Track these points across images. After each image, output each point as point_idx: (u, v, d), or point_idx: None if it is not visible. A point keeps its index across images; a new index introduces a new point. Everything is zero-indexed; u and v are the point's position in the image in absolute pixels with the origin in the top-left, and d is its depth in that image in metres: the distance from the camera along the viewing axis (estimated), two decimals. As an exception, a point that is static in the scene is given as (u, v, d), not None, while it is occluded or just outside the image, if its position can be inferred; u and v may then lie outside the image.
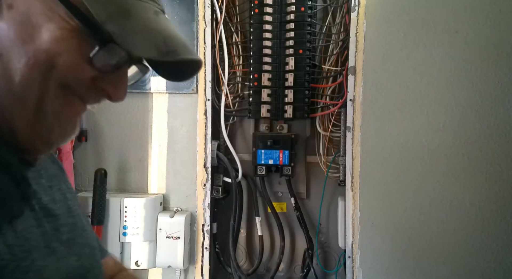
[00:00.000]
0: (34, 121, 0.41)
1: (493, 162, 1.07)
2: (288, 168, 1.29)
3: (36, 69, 0.40)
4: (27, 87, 0.40)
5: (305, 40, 1.25)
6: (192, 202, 1.31)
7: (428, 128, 1.11)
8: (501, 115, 1.06)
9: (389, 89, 1.13)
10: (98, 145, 1.34)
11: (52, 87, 0.41)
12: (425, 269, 1.11)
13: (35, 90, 0.40)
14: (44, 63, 0.40)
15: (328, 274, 1.36)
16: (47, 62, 0.40)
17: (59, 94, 0.42)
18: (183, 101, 1.31)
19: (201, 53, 1.25)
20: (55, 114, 0.42)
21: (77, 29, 0.39)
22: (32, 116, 0.41)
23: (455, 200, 1.09)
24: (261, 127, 1.35)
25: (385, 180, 1.13)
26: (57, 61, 0.40)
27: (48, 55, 0.40)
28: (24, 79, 0.40)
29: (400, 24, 1.11)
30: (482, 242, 1.08)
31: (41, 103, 0.41)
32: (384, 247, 1.14)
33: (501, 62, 1.06)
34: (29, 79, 0.40)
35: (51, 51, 0.39)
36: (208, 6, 1.24)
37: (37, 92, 0.40)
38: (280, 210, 1.37)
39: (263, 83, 1.27)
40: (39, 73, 0.40)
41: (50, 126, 0.42)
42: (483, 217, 1.08)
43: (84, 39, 0.40)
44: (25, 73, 0.40)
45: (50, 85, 0.41)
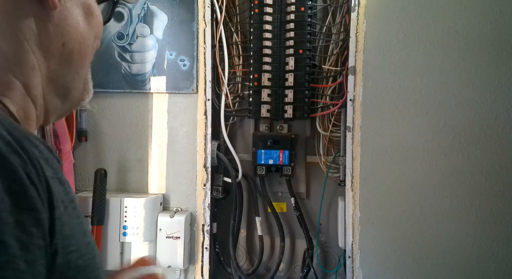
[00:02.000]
0: (82, 90, 0.51)
1: (493, 162, 1.07)
2: (288, 168, 1.29)
3: (92, 43, 0.50)
4: (86, 62, 0.50)
5: (305, 40, 1.25)
6: (192, 202, 1.31)
7: (428, 128, 1.10)
8: (501, 115, 1.06)
9: (389, 89, 1.13)
10: (98, 145, 1.34)
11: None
12: (425, 269, 1.11)
13: (88, 62, 0.50)
14: (97, 32, 0.50)
15: (328, 274, 1.36)
16: (98, 33, 0.51)
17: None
18: (183, 101, 1.31)
19: (201, 53, 1.25)
20: (87, 79, 0.52)
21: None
22: (82, 86, 0.51)
23: (455, 200, 1.09)
24: (261, 127, 1.35)
25: (385, 180, 1.13)
26: (99, 27, 0.51)
27: (99, 22, 0.50)
28: (84, 56, 0.49)
29: (400, 24, 1.11)
30: (482, 242, 1.08)
31: (89, 66, 0.51)
32: (384, 247, 1.14)
33: (501, 62, 1.06)
34: (88, 54, 0.50)
35: (99, 17, 0.50)
36: (208, 6, 1.24)
37: (88, 63, 0.51)
38: (280, 210, 1.37)
39: (263, 83, 1.27)
40: (93, 47, 0.50)
41: (88, 90, 0.52)
42: (483, 217, 1.08)
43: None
44: (86, 50, 0.49)
45: (93, 49, 0.51)
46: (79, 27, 0.47)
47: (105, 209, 1.23)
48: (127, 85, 1.31)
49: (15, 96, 0.42)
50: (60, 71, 0.46)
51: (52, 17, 0.44)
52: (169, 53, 1.31)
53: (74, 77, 0.48)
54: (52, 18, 0.44)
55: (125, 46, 1.31)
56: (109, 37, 1.31)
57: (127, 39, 1.31)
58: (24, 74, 0.43)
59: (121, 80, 1.31)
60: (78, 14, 0.47)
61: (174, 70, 1.31)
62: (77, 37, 0.47)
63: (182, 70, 1.31)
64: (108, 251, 1.24)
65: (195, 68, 1.29)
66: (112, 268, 1.24)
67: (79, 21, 0.47)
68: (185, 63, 1.31)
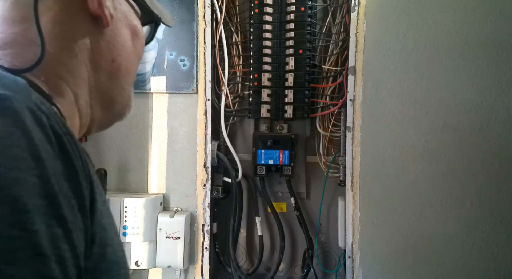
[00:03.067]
0: (125, 105, 0.55)
1: (493, 162, 1.07)
2: (288, 168, 1.29)
3: (136, 62, 0.55)
4: (131, 78, 0.55)
5: (305, 40, 1.25)
6: (192, 202, 1.31)
7: (428, 128, 1.10)
8: (501, 115, 1.06)
9: (389, 89, 1.13)
10: (98, 145, 1.34)
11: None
12: (425, 269, 1.11)
13: (133, 79, 0.56)
14: (140, 52, 0.55)
15: (328, 274, 1.36)
16: (141, 53, 0.56)
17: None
18: (183, 101, 1.31)
19: (201, 53, 1.25)
20: (130, 96, 0.57)
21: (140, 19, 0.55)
22: (125, 101, 0.55)
23: (455, 200, 1.09)
24: (261, 127, 1.35)
25: (385, 180, 1.13)
26: (142, 48, 0.56)
27: (142, 44, 0.56)
28: (130, 73, 0.54)
29: (400, 24, 1.11)
30: (482, 242, 1.08)
31: (133, 83, 0.56)
32: (384, 247, 1.14)
33: (501, 62, 1.06)
34: (133, 72, 0.55)
35: (142, 40, 0.56)
36: (208, 6, 1.24)
37: (132, 80, 0.56)
38: (280, 210, 1.37)
39: (263, 83, 1.27)
40: (137, 61, 0.55)
41: (129, 106, 0.57)
42: (483, 217, 1.08)
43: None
44: (131, 66, 0.54)
45: (136, 68, 0.56)
46: (126, 46, 0.52)
47: (105, 209, 1.23)
48: (127, 85, 1.31)
49: (65, 103, 0.45)
50: (107, 85, 0.51)
51: (104, 34, 0.49)
52: (169, 53, 1.31)
53: (119, 92, 0.53)
54: (104, 35, 0.49)
55: (125, 46, 1.31)
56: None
57: (127, 39, 1.31)
58: (76, 84, 0.47)
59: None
60: (126, 34, 0.52)
61: (174, 70, 1.31)
62: (125, 54, 0.52)
63: (182, 70, 1.31)
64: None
65: (195, 68, 1.29)
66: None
67: (127, 40, 0.52)
68: (185, 63, 1.30)
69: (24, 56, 0.43)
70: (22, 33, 0.44)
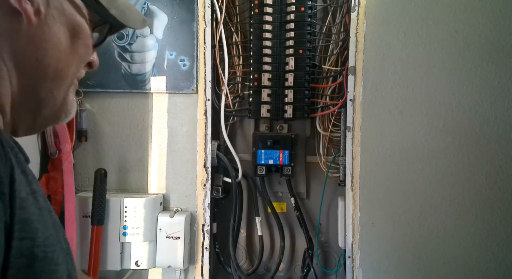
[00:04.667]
0: (58, 109, 0.51)
1: (493, 162, 1.07)
2: (288, 168, 1.29)
3: (73, 64, 0.50)
4: (63, 81, 0.50)
5: (305, 40, 1.25)
6: (192, 202, 1.31)
7: (428, 128, 1.10)
8: (501, 115, 1.06)
9: (389, 89, 1.13)
10: (98, 145, 1.34)
11: (75, 72, 0.52)
12: (425, 269, 1.11)
13: (66, 82, 0.50)
14: (82, 54, 0.51)
15: (328, 274, 1.36)
16: (84, 56, 0.51)
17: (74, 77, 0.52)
18: (183, 101, 1.31)
19: (201, 53, 1.25)
20: (66, 100, 0.52)
21: (89, 19, 0.51)
22: (58, 106, 0.50)
23: (455, 200, 1.09)
24: (261, 127, 1.35)
25: (385, 180, 1.13)
26: (85, 50, 0.51)
27: (86, 45, 0.51)
28: (61, 75, 0.49)
29: (400, 24, 1.11)
30: (482, 242, 1.08)
31: (68, 87, 0.51)
32: (384, 247, 1.14)
33: (501, 62, 1.06)
34: (67, 74, 0.50)
35: (86, 41, 0.51)
36: (208, 6, 1.24)
37: (67, 83, 0.50)
38: (280, 210, 1.37)
39: (263, 83, 1.27)
40: (76, 70, 0.51)
41: (66, 110, 0.52)
42: (483, 217, 1.08)
43: (91, 24, 0.51)
44: (64, 70, 0.49)
45: (75, 71, 0.51)
46: (59, 45, 0.47)
47: (105, 209, 1.23)
48: (127, 85, 1.31)
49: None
50: (32, 86, 0.47)
51: (27, 32, 0.44)
52: (169, 53, 1.31)
53: (47, 95, 0.48)
54: (27, 32, 0.44)
55: (125, 46, 1.31)
56: (109, 37, 1.31)
57: (127, 39, 1.31)
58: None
59: (121, 80, 1.31)
60: (60, 32, 0.47)
61: (174, 70, 1.31)
62: (55, 54, 0.47)
63: (182, 70, 1.31)
64: (108, 251, 1.24)
65: (195, 68, 1.29)
66: (112, 268, 1.24)
67: (60, 39, 0.47)
68: (185, 63, 1.30)
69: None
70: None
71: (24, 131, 0.50)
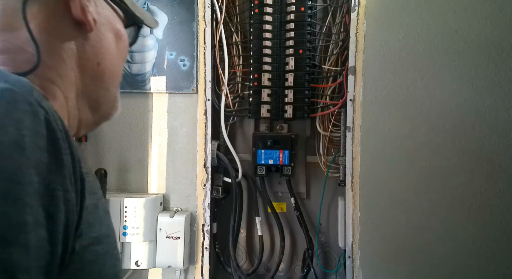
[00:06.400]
0: (111, 106, 0.57)
1: (493, 162, 1.07)
2: (288, 168, 1.29)
3: (121, 64, 0.57)
4: (116, 81, 0.57)
5: (305, 40, 1.25)
6: (192, 202, 1.31)
7: (428, 128, 1.10)
8: (501, 115, 1.06)
9: (389, 89, 1.13)
10: (98, 145, 1.34)
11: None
12: (425, 269, 1.11)
13: (118, 81, 0.57)
14: (124, 55, 0.57)
15: (328, 274, 1.36)
16: (124, 56, 0.58)
17: None
18: (183, 101, 1.31)
19: (201, 53, 1.25)
20: (117, 97, 0.58)
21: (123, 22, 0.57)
22: (112, 103, 0.57)
23: (455, 200, 1.09)
24: (261, 127, 1.35)
25: (385, 180, 1.13)
26: (126, 51, 0.58)
27: (126, 47, 0.57)
28: (115, 75, 0.56)
29: (400, 24, 1.11)
30: (482, 242, 1.08)
31: (118, 85, 0.58)
32: (384, 247, 1.14)
33: (501, 62, 1.06)
34: (118, 74, 0.57)
35: (125, 42, 0.57)
36: (208, 6, 1.24)
37: (118, 82, 0.57)
38: (280, 210, 1.37)
39: (263, 83, 1.27)
40: (121, 64, 0.57)
41: (116, 107, 0.58)
42: (483, 217, 1.08)
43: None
44: (116, 68, 0.56)
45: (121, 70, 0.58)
46: (111, 49, 0.54)
47: (105, 209, 1.22)
48: (127, 85, 1.31)
49: (57, 105, 0.47)
50: (93, 87, 0.53)
51: (89, 39, 0.51)
52: (169, 53, 1.31)
53: (104, 94, 0.55)
54: (88, 40, 0.51)
55: (125, 46, 1.31)
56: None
57: (127, 39, 1.31)
58: (65, 88, 0.49)
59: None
60: (110, 38, 0.54)
61: (174, 70, 1.31)
62: (109, 57, 0.53)
63: (182, 70, 1.31)
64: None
65: (195, 68, 1.29)
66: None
67: (111, 43, 0.54)
68: (185, 63, 1.31)
69: (15, 62, 0.45)
70: (11, 41, 0.46)
71: (84, 129, 0.55)
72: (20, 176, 0.33)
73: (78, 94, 0.51)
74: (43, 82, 0.46)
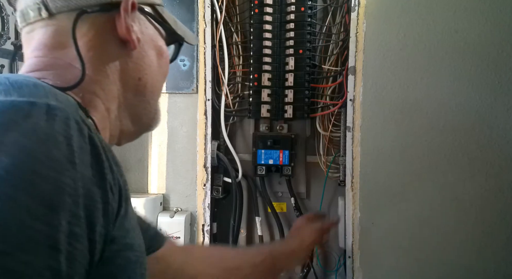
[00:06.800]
0: (152, 118, 0.60)
1: (493, 162, 1.07)
2: (288, 168, 1.29)
3: (162, 80, 0.61)
4: (157, 95, 0.60)
5: (305, 40, 1.25)
6: (192, 202, 1.31)
7: (428, 128, 1.10)
8: (501, 115, 1.06)
9: (389, 89, 1.13)
10: (98, 145, 1.34)
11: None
12: (425, 269, 1.11)
13: (158, 95, 0.61)
14: (165, 70, 0.61)
15: (328, 274, 1.36)
16: (166, 71, 0.61)
17: None
18: (183, 101, 1.31)
19: (201, 53, 1.25)
20: (157, 109, 0.62)
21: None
22: (152, 115, 0.60)
23: (455, 200, 1.09)
24: (261, 127, 1.35)
25: (385, 180, 1.13)
26: (167, 66, 0.61)
27: (167, 63, 0.61)
28: (155, 89, 0.59)
29: (400, 24, 1.11)
30: (482, 242, 1.08)
31: (158, 99, 0.61)
32: (384, 247, 1.14)
33: (501, 62, 1.06)
34: (159, 88, 0.60)
35: (167, 59, 0.61)
36: (208, 6, 1.24)
37: (158, 96, 0.61)
38: (280, 210, 1.37)
39: (263, 83, 1.27)
40: (162, 79, 0.61)
41: (157, 118, 0.62)
42: (483, 217, 1.08)
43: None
44: (157, 83, 0.59)
45: (162, 85, 0.62)
46: (152, 65, 0.57)
47: (105, 209, 1.23)
48: (127, 85, 1.31)
49: (99, 116, 0.51)
50: (134, 101, 0.56)
51: (132, 56, 0.54)
52: (169, 53, 1.31)
53: (145, 106, 0.58)
54: (132, 57, 0.54)
55: (125, 46, 1.31)
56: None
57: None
58: (108, 101, 0.52)
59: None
60: (152, 55, 0.57)
61: (174, 70, 1.31)
62: (151, 73, 0.57)
63: (182, 70, 1.31)
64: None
65: (195, 68, 1.29)
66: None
67: (152, 60, 0.57)
68: (185, 63, 1.31)
69: (64, 77, 0.48)
70: (61, 57, 0.50)
71: (126, 139, 0.59)
72: (72, 188, 0.36)
73: (120, 106, 0.55)
74: (87, 95, 0.49)
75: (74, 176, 0.36)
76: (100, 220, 0.38)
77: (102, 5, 0.52)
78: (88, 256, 0.37)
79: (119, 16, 0.52)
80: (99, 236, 0.38)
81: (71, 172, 0.36)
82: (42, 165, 0.35)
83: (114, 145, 0.58)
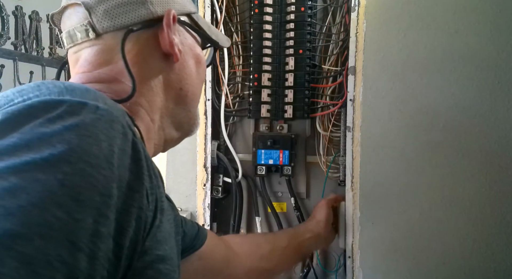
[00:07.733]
0: (192, 124, 0.63)
1: (493, 162, 1.07)
2: (288, 168, 1.29)
3: (201, 87, 0.63)
4: (197, 102, 0.63)
5: (305, 40, 1.25)
6: (192, 202, 1.31)
7: (428, 128, 1.10)
8: (501, 115, 1.06)
9: (389, 89, 1.13)
10: (98, 145, 1.34)
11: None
12: (425, 269, 1.11)
13: (198, 101, 0.64)
14: (203, 77, 0.64)
15: (328, 274, 1.36)
16: (204, 77, 0.64)
17: None
18: (183, 101, 1.31)
19: (201, 53, 1.25)
20: (196, 115, 0.65)
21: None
22: (193, 121, 0.63)
23: (455, 200, 1.09)
24: (261, 127, 1.35)
25: (385, 180, 1.13)
26: (204, 73, 0.64)
27: (204, 69, 0.64)
28: (196, 97, 0.62)
29: (400, 24, 1.11)
30: (482, 242, 1.08)
31: (198, 105, 0.64)
32: (384, 247, 1.14)
33: (501, 62, 1.06)
34: (199, 95, 0.63)
35: (204, 66, 0.64)
36: (208, 6, 1.24)
37: (198, 102, 0.64)
38: (280, 210, 1.37)
39: (263, 83, 1.27)
40: (201, 86, 0.64)
41: (196, 124, 0.65)
42: (483, 217, 1.08)
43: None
44: (196, 91, 0.61)
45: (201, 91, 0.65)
46: (192, 74, 0.59)
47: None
48: (127, 85, 1.31)
49: (143, 126, 0.53)
50: (176, 110, 0.59)
51: (174, 68, 0.57)
52: (169, 53, 1.31)
53: (186, 114, 0.61)
54: (174, 69, 0.57)
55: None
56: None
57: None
58: (152, 111, 0.55)
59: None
60: (191, 64, 0.59)
61: (174, 70, 1.31)
62: (191, 82, 0.59)
63: (182, 70, 1.31)
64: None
65: (195, 68, 1.29)
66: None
67: (192, 69, 0.60)
68: (185, 63, 1.30)
69: (111, 89, 0.51)
70: (105, 72, 0.53)
71: (169, 146, 0.62)
72: (104, 188, 0.35)
73: (162, 116, 0.57)
74: (133, 106, 0.52)
75: (109, 175, 0.36)
76: (132, 225, 0.38)
77: (145, 22, 0.54)
78: (113, 259, 0.36)
79: (162, 31, 0.54)
80: (129, 241, 0.37)
81: (106, 171, 0.36)
82: (78, 158, 0.35)
83: (161, 151, 0.61)
